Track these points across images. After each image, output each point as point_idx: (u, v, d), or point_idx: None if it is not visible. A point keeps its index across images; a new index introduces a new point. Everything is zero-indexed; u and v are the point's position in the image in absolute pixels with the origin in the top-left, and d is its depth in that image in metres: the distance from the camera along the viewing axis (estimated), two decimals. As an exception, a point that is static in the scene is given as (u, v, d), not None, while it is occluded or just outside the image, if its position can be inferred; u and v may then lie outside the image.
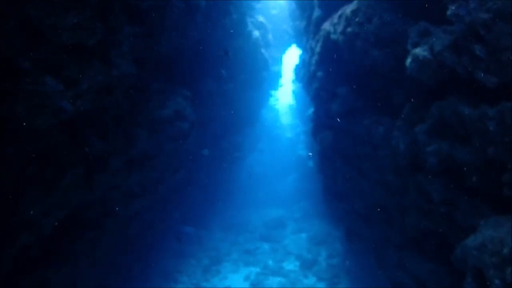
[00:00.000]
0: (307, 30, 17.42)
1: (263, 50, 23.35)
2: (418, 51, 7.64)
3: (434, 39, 7.34)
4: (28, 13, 6.78)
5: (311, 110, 16.64)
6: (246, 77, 22.25)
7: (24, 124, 8.15)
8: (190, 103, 15.56)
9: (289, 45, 31.60)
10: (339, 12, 11.10)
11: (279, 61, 32.15)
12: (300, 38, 22.16)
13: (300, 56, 24.95)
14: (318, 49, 12.84)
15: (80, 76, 8.17)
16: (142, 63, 12.47)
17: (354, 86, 11.41)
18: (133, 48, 10.51)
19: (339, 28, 10.61)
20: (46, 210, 9.72)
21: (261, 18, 24.75)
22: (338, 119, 12.15)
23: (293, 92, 36.48)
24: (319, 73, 13.13)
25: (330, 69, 12.38)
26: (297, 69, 26.29)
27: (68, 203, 10.41)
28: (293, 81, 31.58)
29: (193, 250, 21.19)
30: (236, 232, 24.73)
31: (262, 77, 24.76)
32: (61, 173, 9.95)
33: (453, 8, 6.60)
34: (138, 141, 12.80)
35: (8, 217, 8.70)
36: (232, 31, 18.41)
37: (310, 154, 27.73)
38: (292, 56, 32.72)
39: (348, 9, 10.45)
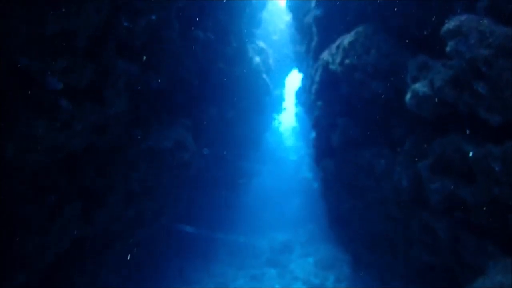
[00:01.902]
0: (307, 56, 17.34)
1: (264, 76, 23.23)
2: (417, 86, 7.42)
3: (434, 74, 7.13)
4: (16, 60, 6.65)
5: (313, 135, 16.44)
6: (248, 103, 22.10)
7: (17, 163, 8.05)
8: (191, 133, 15.42)
9: (291, 69, 31.62)
10: (337, 42, 10.95)
11: (281, 85, 32.12)
12: (301, 62, 22.12)
13: (302, 81, 24.89)
14: (317, 78, 12.67)
15: (73, 118, 8.04)
16: (140, 95, 12.37)
17: (354, 117, 11.20)
18: (129, 83, 10.39)
19: (337, 59, 10.45)
20: (43, 246, 9.47)
21: (261, 44, 24.70)
22: (338, 150, 11.93)
23: (296, 114, 36.38)
24: (319, 103, 12.95)
25: (330, 99, 12.20)
26: (299, 94, 26.28)
27: (66, 238, 10.16)
28: (295, 104, 31.56)
29: (200, 277, 20.81)
30: (242, 257, 24.29)
31: (265, 102, 24.62)
32: (58, 210, 9.76)
33: (452, 44, 6.38)
34: (137, 174, 12.66)
35: (4, 256, 8.50)
36: (232, 58, 18.33)
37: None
38: (294, 79, 32.77)
39: (345, 40, 10.29)
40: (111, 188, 11.59)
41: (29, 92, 7.35)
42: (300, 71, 25.70)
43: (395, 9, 8.84)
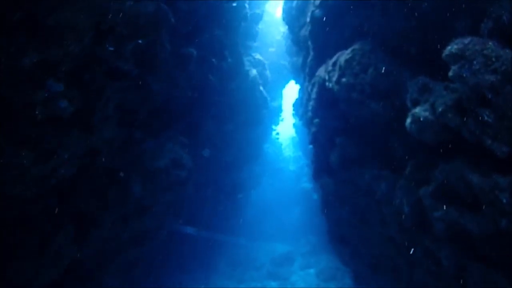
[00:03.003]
0: (303, 70, 17.01)
1: (261, 88, 22.97)
2: (418, 111, 7.04)
3: (435, 98, 6.76)
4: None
5: (311, 150, 16.16)
6: (246, 116, 21.85)
7: (5, 193, 7.87)
8: (187, 150, 15.17)
9: (288, 80, 31.39)
10: (334, 59, 10.59)
11: (279, 96, 31.87)
12: (298, 74, 21.79)
13: (299, 92, 24.61)
14: (314, 95, 12.31)
15: (59, 147, 7.74)
16: (133, 115, 12.09)
17: (353, 136, 10.84)
18: (120, 105, 10.13)
19: (334, 77, 10.10)
20: (37, 273, 9.30)
21: (258, 56, 24.47)
22: (337, 169, 11.57)
23: (294, 125, 36.11)
24: (316, 120, 12.59)
25: (327, 117, 11.85)
26: (296, 105, 25.96)
27: (60, 263, 10.00)
28: (293, 115, 31.30)
29: (200, 290, 20.50)
30: (243, 269, 24.02)
31: (262, 115, 24.35)
32: (50, 236, 9.56)
33: (456, 68, 5.99)
34: (132, 194, 12.45)
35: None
36: (228, 73, 18.05)
37: None
38: (292, 89, 32.52)
39: (342, 57, 9.93)
40: (106, 209, 11.36)
41: (13, 123, 7.07)
42: (297, 82, 25.44)
43: (393, 27, 8.52)
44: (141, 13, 8.02)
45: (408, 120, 7.31)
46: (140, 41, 8.46)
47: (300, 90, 23.58)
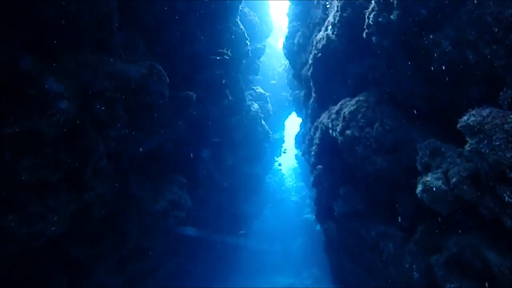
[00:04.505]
0: (306, 106, 16.68)
1: (263, 122, 22.61)
2: (430, 179, 6.56)
3: (448, 165, 6.31)
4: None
5: (314, 192, 15.74)
6: (247, 151, 21.46)
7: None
8: (186, 190, 14.76)
9: (290, 112, 31.09)
10: (337, 107, 10.20)
11: (281, 127, 31.50)
12: (300, 107, 21.50)
13: (301, 126, 24.26)
14: (317, 140, 11.90)
15: (47, 210, 7.33)
16: (129, 160, 11.74)
17: (357, 188, 10.37)
18: (115, 153, 9.75)
19: (338, 127, 9.68)
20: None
21: (260, 89, 24.17)
22: (341, 218, 11.08)
23: (296, 156, 35.72)
24: (319, 166, 12.16)
25: (330, 165, 11.42)
26: (298, 138, 25.59)
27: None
28: (295, 147, 30.95)
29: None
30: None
31: (264, 148, 23.95)
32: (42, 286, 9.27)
33: (473, 143, 5.52)
34: (129, 239, 12.03)
35: None
36: (229, 110, 17.73)
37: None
38: (294, 120, 32.23)
39: (346, 108, 9.51)
40: (100, 257, 10.94)
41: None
42: (298, 115, 25.15)
43: (400, 82, 8.08)
44: (132, 77, 7.58)
45: (419, 188, 6.83)
46: (132, 101, 8.02)
47: (302, 125, 23.26)
